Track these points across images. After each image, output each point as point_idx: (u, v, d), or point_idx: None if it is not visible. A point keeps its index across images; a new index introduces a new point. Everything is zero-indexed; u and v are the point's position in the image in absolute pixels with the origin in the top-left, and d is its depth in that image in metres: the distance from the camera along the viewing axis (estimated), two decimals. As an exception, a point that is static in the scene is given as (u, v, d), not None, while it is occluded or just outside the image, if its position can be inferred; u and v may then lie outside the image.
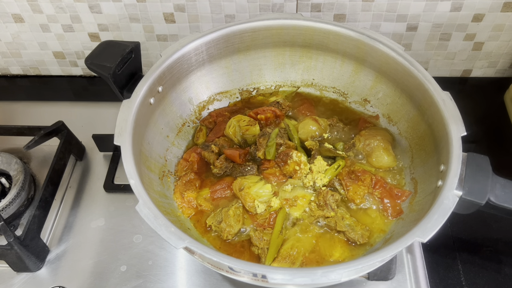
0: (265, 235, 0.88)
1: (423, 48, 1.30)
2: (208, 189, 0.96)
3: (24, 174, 1.07)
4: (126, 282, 0.95)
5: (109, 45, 0.95)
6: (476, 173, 0.78)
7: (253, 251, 0.88)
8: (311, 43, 1.06)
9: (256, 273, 0.67)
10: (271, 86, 1.16)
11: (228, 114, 1.10)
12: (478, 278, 0.96)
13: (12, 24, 1.28)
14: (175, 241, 0.69)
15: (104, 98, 1.32)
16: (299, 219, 0.91)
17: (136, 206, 0.73)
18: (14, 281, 0.97)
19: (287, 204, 0.92)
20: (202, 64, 1.04)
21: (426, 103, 0.90)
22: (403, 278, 0.94)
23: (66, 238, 1.03)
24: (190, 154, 1.02)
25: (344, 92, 1.12)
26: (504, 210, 0.78)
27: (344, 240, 0.88)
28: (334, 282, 0.68)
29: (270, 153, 0.97)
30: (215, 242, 0.90)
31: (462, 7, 1.18)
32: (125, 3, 1.21)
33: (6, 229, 0.89)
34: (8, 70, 1.43)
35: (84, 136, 1.19)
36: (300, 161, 0.95)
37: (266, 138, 0.99)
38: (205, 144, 1.04)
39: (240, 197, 0.93)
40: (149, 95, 0.92)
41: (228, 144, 1.02)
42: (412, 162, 0.97)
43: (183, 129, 1.07)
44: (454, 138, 0.81)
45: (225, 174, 0.99)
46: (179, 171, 1.00)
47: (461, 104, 0.86)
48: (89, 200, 1.10)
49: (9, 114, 1.31)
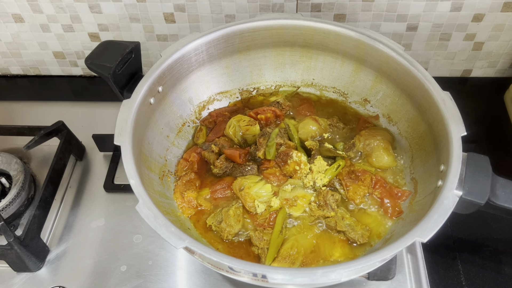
0: (265, 235, 0.88)
1: (423, 48, 1.30)
2: (208, 189, 0.96)
3: (24, 174, 1.07)
4: (126, 282, 0.95)
5: (109, 45, 0.95)
6: (476, 173, 0.78)
7: (253, 251, 0.88)
8: (311, 43, 1.06)
9: (256, 273, 0.67)
10: (271, 86, 1.16)
11: (228, 114, 1.10)
12: (478, 278, 0.96)
13: (12, 24, 1.28)
14: (175, 241, 0.69)
15: (104, 98, 1.32)
16: (299, 219, 0.91)
17: (136, 206, 0.73)
18: (14, 281, 0.97)
19: (287, 204, 0.92)
20: (202, 64, 1.04)
21: (426, 103, 0.90)
22: (403, 278, 0.94)
23: (66, 238, 1.03)
24: (190, 154, 1.02)
25: (344, 92, 1.12)
26: (504, 210, 0.78)
27: (344, 240, 0.88)
28: (334, 282, 0.68)
29: (270, 153, 0.97)
30: (215, 242, 0.90)
31: (462, 7, 1.18)
32: (125, 3, 1.21)
33: (6, 229, 0.89)
34: (8, 70, 1.43)
35: (84, 136, 1.19)
36: (300, 161, 0.95)
37: (266, 138, 0.99)
38: (205, 144, 1.04)
39: (240, 197, 0.93)
40: (149, 95, 0.92)
41: (228, 144, 1.02)
42: (412, 162, 0.97)
43: (183, 129, 1.07)
44: (454, 138, 0.81)
45: (225, 174, 0.99)
46: (179, 171, 1.00)
47: (461, 104, 0.86)
48: (89, 200, 1.10)
49: (9, 114, 1.31)
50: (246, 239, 0.90)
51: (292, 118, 1.08)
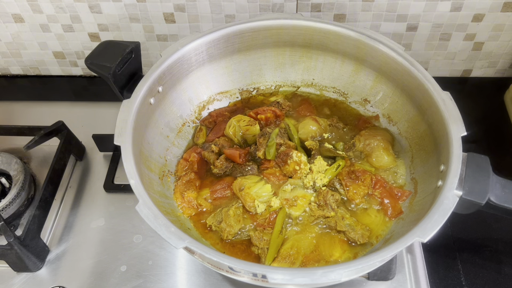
0: (265, 235, 0.88)
1: (423, 48, 1.30)
2: (208, 189, 0.96)
3: (24, 174, 1.07)
4: (126, 282, 0.95)
5: (109, 45, 0.95)
6: (476, 173, 0.78)
7: (253, 251, 0.88)
8: (311, 43, 1.06)
9: (256, 273, 0.67)
10: (271, 86, 1.16)
11: (228, 114, 1.10)
12: (478, 278, 0.96)
13: (12, 24, 1.28)
14: (175, 241, 0.69)
15: (104, 98, 1.32)
16: (299, 219, 0.91)
17: (136, 206, 0.73)
18: (14, 281, 0.97)
19: (287, 204, 0.92)
20: (202, 64, 1.04)
21: (426, 103, 0.90)
22: (403, 278, 0.94)
23: (66, 238, 1.03)
24: (190, 154, 1.02)
25: (344, 92, 1.12)
26: (504, 210, 0.78)
27: (344, 240, 0.88)
28: (334, 282, 0.68)
29: (270, 153, 0.97)
30: (215, 242, 0.90)
31: (462, 7, 1.18)
32: (125, 3, 1.21)
33: (6, 229, 0.89)
34: (8, 70, 1.43)
35: (84, 136, 1.19)
36: (300, 161, 0.95)
37: (266, 138, 0.99)
38: (205, 144, 1.04)
39: (240, 197, 0.93)
40: (149, 95, 0.92)
41: (228, 144, 1.02)
42: (412, 162, 0.97)
43: (183, 129, 1.07)
44: (454, 138, 0.81)
45: (225, 174, 0.99)
46: (179, 171, 1.00)
47: (461, 104, 0.86)
48: (89, 200, 1.10)
49: (9, 114, 1.31)
50: (246, 239, 0.90)
51: (292, 118, 1.08)
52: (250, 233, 0.89)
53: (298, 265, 0.85)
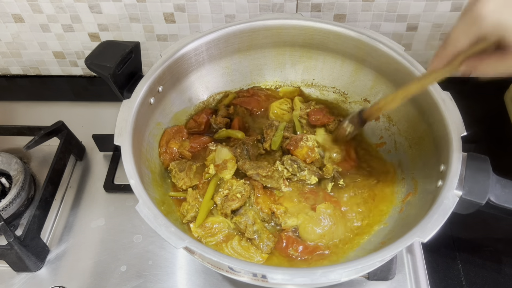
0: (202, 197, 0.93)
1: (423, 48, 1.30)
2: (188, 141, 1.02)
3: (24, 174, 1.07)
4: (126, 282, 0.95)
5: (109, 45, 0.95)
6: (476, 173, 0.78)
7: (183, 206, 0.92)
8: (311, 43, 1.06)
9: (256, 273, 0.67)
10: (271, 86, 1.16)
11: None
12: (478, 278, 0.96)
13: (12, 24, 1.28)
14: (175, 241, 0.69)
15: (104, 98, 1.32)
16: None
17: (136, 206, 0.73)
18: (14, 281, 0.97)
19: (218, 168, 0.95)
20: (202, 64, 1.04)
21: (426, 103, 0.90)
22: (403, 278, 0.94)
23: (66, 238, 1.03)
24: (200, 115, 1.07)
25: (344, 92, 1.12)
26: (504, 210, 0.78)
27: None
28: (334, 282, 0.68)
29: (275, 144, 0.99)
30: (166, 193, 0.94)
31: (462, 7, 1.17)
32: (125, 3, 1.21)
33: (6, 229, 0.89)
34: (8, 70, 1.43)
35: (84, 136, 1.19)
36: (314, 146, 0.98)
37: (273, 130, 1.01)
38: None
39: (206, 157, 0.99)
40: (149, 95, 0.92)
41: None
42: (412, 162, 0.97)
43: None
44: (454, 138, 0.81)
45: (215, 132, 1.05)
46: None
47: (461, 104, 0.86)
48: (89, 200, 1.10)
49: (9, 114, 1.31)
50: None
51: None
52: (188, 188, 0.94)
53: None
